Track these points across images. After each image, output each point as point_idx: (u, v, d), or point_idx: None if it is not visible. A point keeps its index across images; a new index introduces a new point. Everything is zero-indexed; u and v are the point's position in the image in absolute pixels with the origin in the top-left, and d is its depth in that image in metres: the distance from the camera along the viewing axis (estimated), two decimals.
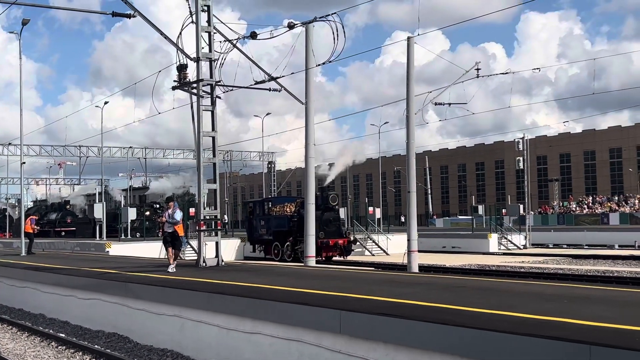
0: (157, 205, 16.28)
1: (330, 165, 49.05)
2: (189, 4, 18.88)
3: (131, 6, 19.20)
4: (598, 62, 64.21)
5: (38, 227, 33.75)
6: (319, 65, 21.82)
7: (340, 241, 29.95)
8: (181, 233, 17.14)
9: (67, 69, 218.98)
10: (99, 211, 44.43)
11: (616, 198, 72.89)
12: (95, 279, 15.97)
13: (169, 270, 16.20)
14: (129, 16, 19.43)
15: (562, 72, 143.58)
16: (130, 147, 66.03)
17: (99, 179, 58.22)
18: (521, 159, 53.07)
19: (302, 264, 22.41)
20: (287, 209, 32.51)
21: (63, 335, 14.25)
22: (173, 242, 16.79)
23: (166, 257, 17.41)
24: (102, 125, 51.60)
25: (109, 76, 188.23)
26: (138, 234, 45.01)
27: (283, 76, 20.62)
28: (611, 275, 22.54)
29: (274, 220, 32.40)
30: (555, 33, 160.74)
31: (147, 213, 48.15)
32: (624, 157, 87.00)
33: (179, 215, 16.76)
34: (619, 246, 41.17)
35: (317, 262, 26.79)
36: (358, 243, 38.63)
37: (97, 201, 49.35)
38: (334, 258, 30.24)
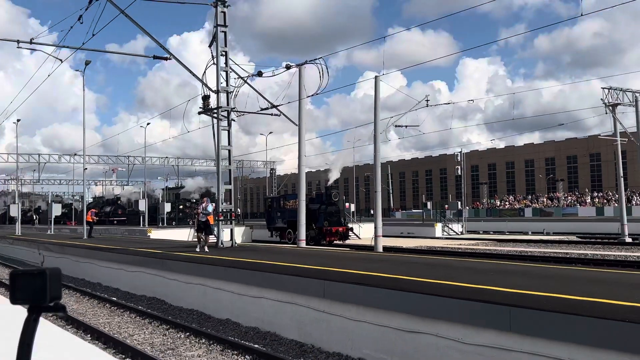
0: (194, 200, 16.12)
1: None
2: (211, 50, 18.87)
3: (168, 52, 19.17)
4: (516, 95, 64.66)
5: (97, 218, 33.45)
6: (309, 96, 21.78)
7: (340, 229, 29.41)
8: (212, 222, 16.90)
9: (118, 98, 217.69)
10: (143, 205, 44.17)
11: (530, 197, 73.20)
12: (139, 256, 15.85)
13: (201, 249, 15.90)
14: (166, 59, 19.34)
15: (490, 102, 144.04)
16: (166, 157, 66.10)
17: (143, 181, 57.84)
18: (459, 167, 53.19)
19: (300, 246, 22.29)
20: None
21: (115, 298, 14.12)
22: (206, 229, 16.54)
23: (196, 239, 17.08)
24: (145, 141, 51.32)
25: (150, 104, 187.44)
26: (174, 223, 44.77)
27: (282, 104, 20.63)
28: (526, 254, 22.58)
29: (288, 212, 31.32)
30: (485, 73, 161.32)
31: (181, 207, 47.94)
32: (535, 166, 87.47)
33: (210, 208, 16.63)
34: (532, 232, 41.34)
35: (322, 245, 27.15)
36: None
37: (141, 198, 49.05)
38: (335, 242, 29.45)
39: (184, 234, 33.89)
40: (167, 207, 45.64)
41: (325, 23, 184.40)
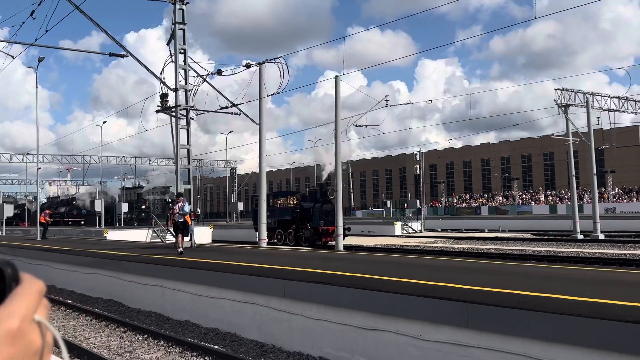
0: (169, 200, 15.23)
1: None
2: (169, 48, 18.61)
3: (124, 49, 18.79)
4: (473, 96, 66.02)
5: (51, 220, 32.49)
6: (269, 95, 21.70)
7: None
8: (190, 222, 15.89)
9: (73, 95, 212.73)
10: (99, 205, 43.22)
11: (486, 195, 74.80)
12: (95, 258, 15.48)
13: (179, 251, 14.88)
14: (123, 56, 18.96)
15: (447, 103, 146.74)
16: (123, 156, 64.94)
17: (99, 180, 56.66)
18: (418, 166, 53.96)
19: (261, 246, 22.16)
20: (290, 202, 29.80)
21: (70, 301, 13.75)
22: (184, 229, 15.56)
23: (174, 241, 16.04)
24: (101, 139, 50.31)
25: (106, 101, 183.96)
26: (136, 223, 43.79)
27: (242, 103, 20.53)
28: (482, 252, 23.05)
29: (278, 211, 29.33)
30: (443, 74, 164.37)
31: (143, 207, 47.00)
32: (491, 165, 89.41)
33: (187, 207, 15.74)
34: (488, 230, 42.23)
35: (317, 247, 25.40)
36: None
37: (97, 198, 47.98)
38: (329, 243, 27.13)
39: (142, 235, 33.29)
40: (125, 208, 44.74)
41: (285, 22, 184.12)
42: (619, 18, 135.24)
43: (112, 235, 32.53)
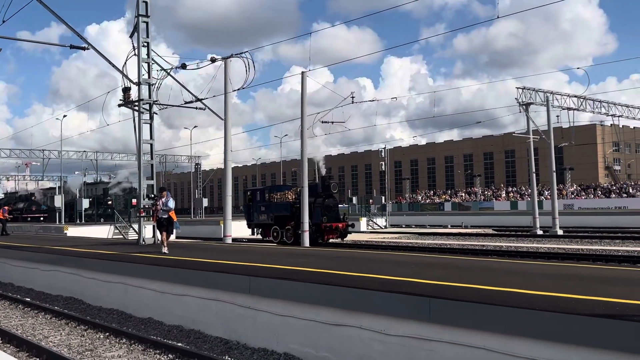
0: (152, 195, 14.62)
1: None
2: (132, 41, 18.27)
3: (86, 41, 18.36)
4: (437, 93, 66.81)
5: (10, 216, 31.53)
6: (234, 90, 21.56)
7: (340, 225, 25.49)
8: (175, 218, 14.73)
9: (31, 88, 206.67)
10: (59, 201, 42.24)
11: (449, 192, 75.92)
12: (55, 254, 15.12)
13: (164, 251, 13.85)
14: (84, 48, 18.50)
15: (412, 100, 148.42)
16: (85, 151, 63.44)
17: (59, 176, 55.29)
18: (383, 163, 54.43)
19: (226, 242, 22.01)
20: (289, 196, 27.43)
21: (28, 299, 13.40)
22: (168, 226, 14.46)
23: (159, 239, 14.85)
24: (61, 134, 49.09)
25: (66, 95, 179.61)
26: (102, 219, 42.87)
27: (207, 98, 20.34)
28: (445, 247, 23.39)
29: (275, 206, 27.16)
30: (408, 72, 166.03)
31: (110, 202, 46.09)
32: (454, 162, 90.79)
33: (172, 203, 14.58)
34: (451, 226, 42.88)
35: (319, 245, 23.91)
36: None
37: (57, 194, 46.86)
38: (331, 240, 25.57)
39: (104, 231, 32.70)
40: (86, 203, 43.87)
41: (251, 16, 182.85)
42: (579, 18, 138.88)
43: (73, 231, 31.86)
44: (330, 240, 25.40)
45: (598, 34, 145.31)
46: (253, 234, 29.13)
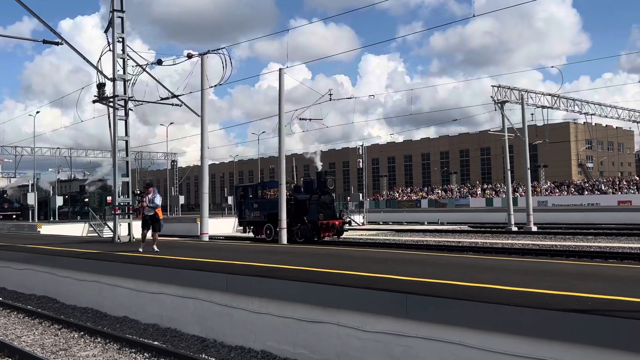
0: (138, 192, 14.06)
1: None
2: (107, 36, 18.03)
3: (59, 36, 18.01)
4: (414, 91, 67.22)
5: None
6: (211, 87, 21.38)
7: (337, 222, 24.69)
8: (161, 216, 14.00)
9: (2, 83, 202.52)
10: (32, 199, 41.51)
11: (426, 189, 76.50)
12: (27, 253, 14.85)
13: (145, 248, 13.40)
14: (57, 43, 18.15)
15: (389, 98, 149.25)
16: (58, 147, 62.38)
17: (32, 173, 54.33)
18: (361, 160, 54.61)
19: (203, 240, 21.85)
20: None
21: (0, 298, 13.15)
22: (154, 224, 13.77)
23: (141, 238, 14.11)
24: (34, 130, 48.19)
25: (39, 90, 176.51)
26: (79, 217, 42.14)
27: (183, 94, 20.13)
28: (422, 244, 23.57)
29: (268, 203, 26.01)
30: (385, 70, 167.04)
31: (86, 200, 45.34)
32: (431, 159, 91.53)
33: (159, 199, 13.93)
34: (428, 223, 43.22)
35: (314, 243, 23.20)
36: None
37: (30, 191, 46.01)
38: (326, 238, 24.64)
39: (78, 229, 32.25)
40: (60, 201, 43.15)
41: (227, 11, 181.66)
42: (552, 18, 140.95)
43: (47, 229, 31.34)
44: (326, 238, 24.57)
45: (571, 33, 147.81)
46: (245, 231, 28.11)
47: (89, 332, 9.35)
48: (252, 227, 27.59)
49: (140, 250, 13.49)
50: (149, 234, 14.02)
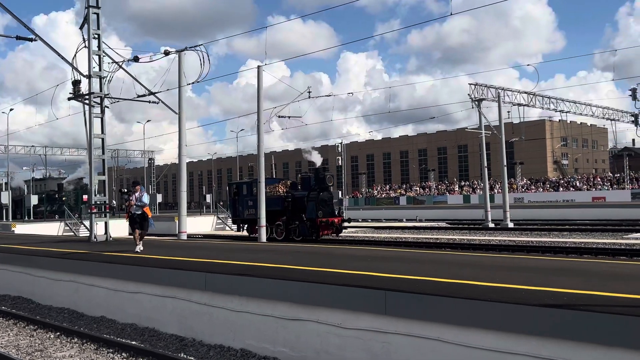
0: (125, 190, 13.63)
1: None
2: (82, 33, 17.77)
3: (33, 32, 17.72)
4: (392, 89, 67.51)
5: None
6: (189, 84, 21.25)
7: (336, 220, 23.83)
8: (150, 214, 13.72)
9: None
10: (6, 197, 40.77)
11: (404, 186, 76.95)
12: (2, 252, 14.57)
13: (137, 250, 13.06)
14: (31, 40, 17.85)
15: (368, 95, 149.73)
16: (32, 145, 61.17)
17: (5, 171, 53.35)
18: (340, 158, 54.71)
19: (181, 239, 21.68)
20: (279, 189, 25.63)
21: None
22: (142, 223, 13.46)
23: (133, 238, 13.77)
24: (8, 128, 47.23)
25: (12, 87, 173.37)
26: (57, 216, 41.41)
27: (160, 91, 19.97)
28: (401, 240, 23.68)
29: (265, 200, 24.56)
30: (364, 67, 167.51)
31: (64, 198, 44.66)
32: (409, 157, 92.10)
33: (146, 198, 13.68)
34: (406, 219, 43.48)
35: (311, 241, 22.11)
36: (221, 219, 37.66)
37: (3, 190, 45.18)
38: (323, 237, 23.81)
39: (54, 228, 31.77)
40: (34, 200, 42.46)
41: (204, 8, 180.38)
42: (528, 16, 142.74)
43: (21, 228, 30.81)
44: (324, 237, 23.82)
45: (547, 31, 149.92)
46: (239, 230, 27.27)
47: (65, 333, 9.23)
48: (246, 226, 26.78)
49: (137, 250, 13.04)
50: (142, 236, 13.64)
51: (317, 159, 26.70)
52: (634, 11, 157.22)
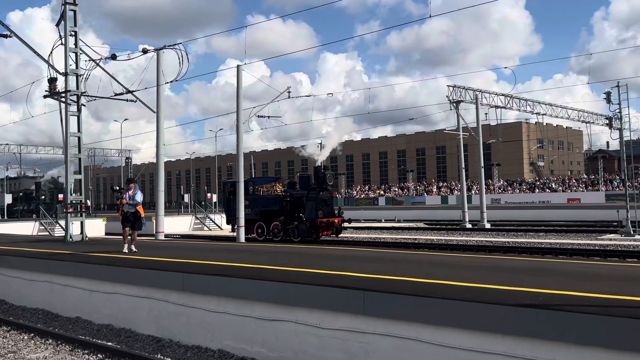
0: (117, 187, 13.11)
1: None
2: (59, 30, 17.52)
3: (8, 28, 17.45)
4: (372, 90, 67.79)
5: None
6: (167, 82, 21.05)
7: (336, 220, 23.07)
8: (142, 214, 13.32)
9: None
10: None
11: (383, 187, 77.30)
12: None
13: (125, 250, 12.68)
14: (5, 36, 17.57)
15: (347, 96, 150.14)
16: (7, 144, 60.00)
17: None
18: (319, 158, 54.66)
19: (158, 239, 21.48)
20: (277, 189, 24.91)
21: None
22: (134, 222, 13.05)
23: (122, 238, 13.29)
24: None
25: None
26: (34, 216, 40.61)
27: (138, 90, 19.77)
28: (379, 241, 23.78)
29: (261, 200, 24.52)
30: (343, 68, 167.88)
31: (43, 197, 43.89)
32: (388, 158, 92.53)
33: (140, 196, 13.15)
34: (385, 220, 43.65)
35: (314, 242, 21.94)
36: (198, 220, 37.41)
37: None
38: (322, 238, 23.13)
39: (28, 228, 31.26)
40: (8, 199, 41.75)
41: (183, 6, 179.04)
42: (506, 19, 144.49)
43: None
44: (323, 238, 23.15)
45: (524, 34, 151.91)
46: (233, 230, 26.14)
47: (39, 334, 9.08)
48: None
49: (125, 251, 12.69)
50: (134, 236, 13.26)
51: (314, 150, 25.46)
52: (608, 15, 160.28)
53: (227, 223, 26.26)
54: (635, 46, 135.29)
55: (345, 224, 23.73)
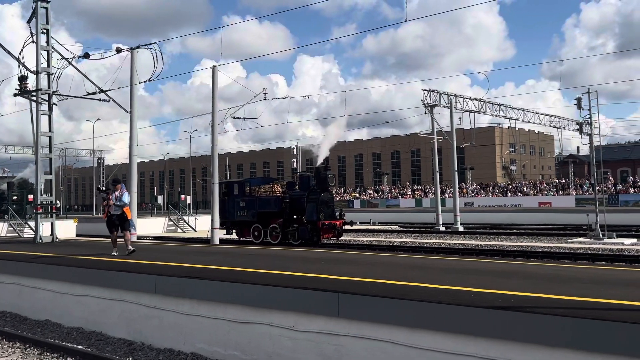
0: (103, 188, 12.55)
1: (316, 145, 39.15)
2: (30, 27, 17.19)
3: None
4: (348, 93, 68.03)
5: None
6: (141, 82, 20.83)
7: (338, 222, 22.25)
8: (129, 215, 12.79)
9: None
10: None
11: (358, 189, 77.56)
12: None
13: (114, 253, 12.26)
14: None
15: (324, 98, 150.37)
16: None
17: None
18: (295, 160, 54.69)
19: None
20: (276, 190, 23.84)
21: None
22: (122, 224, 12.48)
23: (111, 242, 12.79)
24: None
25: None
26: (6, 216, 39.45)
27: (111, 89, 19.48)
28: (354, 243, 23.83)
29: (259, 201, 23.34)
30: (320, 71, 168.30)
31: (15, 197, 42.78)
32: (364, 160, 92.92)
33: (127, 197, 12.62)
34: (360, 223, 43.75)
35: (316, 245, 20.83)
36: (175, 222, 37.02)
37: None
38: (323, 241, 22.13)
39: None
40: None
41: (158, 5, 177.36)
42: (481, 24, 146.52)
43: None
44: (324, 241, 22.15)
45: (498, 40, 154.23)
46: (228, 233, 25.41)
47: (7, 337, 8.88)
48: (237, 229, 24.62)
49: (114, 254, 12.27)
50: (127, 237, 12.72)
51: (323, 152, 23.94)
52: (579, 23, 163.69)
53: (221, 225, 25.21)
54: (605, 53, 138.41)
55: (347, 227, 23.12)
